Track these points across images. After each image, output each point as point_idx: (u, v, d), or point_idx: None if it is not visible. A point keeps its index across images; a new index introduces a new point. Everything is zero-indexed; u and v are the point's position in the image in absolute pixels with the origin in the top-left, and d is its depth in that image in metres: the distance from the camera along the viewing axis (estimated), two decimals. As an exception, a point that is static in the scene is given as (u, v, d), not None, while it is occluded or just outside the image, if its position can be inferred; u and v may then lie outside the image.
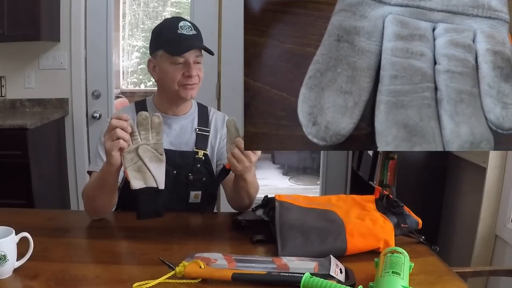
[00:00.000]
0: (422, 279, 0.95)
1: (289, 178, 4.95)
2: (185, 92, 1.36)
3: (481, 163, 1.96)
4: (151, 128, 1.14)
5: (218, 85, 2.91)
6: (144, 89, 5.48)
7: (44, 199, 2.48)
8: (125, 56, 5.44)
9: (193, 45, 1.33)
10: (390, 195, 1.21)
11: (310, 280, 0.85)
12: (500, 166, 1.92)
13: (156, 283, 0.90)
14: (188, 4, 4.57)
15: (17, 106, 2.84)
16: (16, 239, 0.94)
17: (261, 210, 1.22)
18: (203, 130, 1.45)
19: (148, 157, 1.11)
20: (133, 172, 1.10)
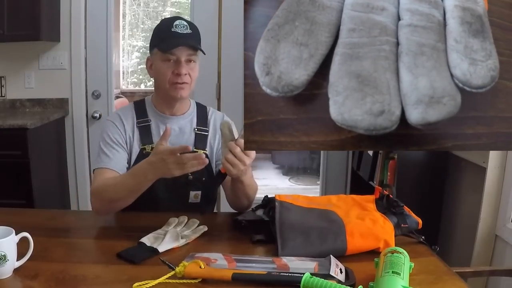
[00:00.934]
0: (422, 279, 0.95)
1: (289, 178, 4.95)
2: (175, 91, 1.36)
3: (481, 163, 1.96)
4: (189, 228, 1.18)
5: (218, 85, 2.91)
6: (144, 89, 5.48)
7: (44, 199, 2.48)
8: (125, 56, 5.44)
9: (182, 42, 1.32)
10: (390, 195, 1.21)
11: (310, 280, 0.85)
12: (500, 166, 1.92)
13: (156, 283, 0.90)
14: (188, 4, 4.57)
15: (17, 106, 2.84)
16: (16, 239, 0.94)
17: (261, 210, 1.22)
18: (202, 130, 1.45)
19: (172, 236, 1.11)
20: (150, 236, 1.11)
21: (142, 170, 1.17)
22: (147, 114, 1.43)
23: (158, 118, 1.43)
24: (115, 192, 1.23)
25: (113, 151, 1.35)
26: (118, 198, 1.23)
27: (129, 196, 1.22)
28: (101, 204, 1.26)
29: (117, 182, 1.25)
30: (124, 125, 1.39)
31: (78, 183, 2.91)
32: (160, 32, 1.37)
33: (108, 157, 1.34)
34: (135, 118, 1.42)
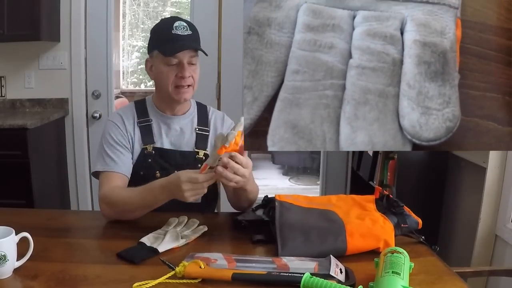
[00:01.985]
0: (422, 279, 0.94)
1: (289, 178, 4.95)
2: (178, 95, 1.36)
3: (481, 163, 1.96)
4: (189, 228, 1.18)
5: (218, 85, 2.91)
6: (144, 89, 5.48)
7: (44, 199, 2.48)
8: (125, 56, 5.44)
9: (186, 45, 1.32)
10: (390, 195, 1.21)
11: (310, 280, 0.85)
12: (500, 166, 1.92)
13: (156, 283, 0.90)
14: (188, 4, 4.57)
15: (17, 106, 2.84)
16: (16, 239, 0.94)
17: (261, 210, 1.22)
18: (203, 130, 1.45)
19: (172, 236, 1.11)
20: (150, 236, 1.11)
21: (156, 189, 1.18)
22: (148, 114, 1.43)
23: (159, 117, 1.43)
24: (132, 204, 1.23)
25: (117, 153, 1.34)
26: (133, 209, 1.23)
27: (146, 210, 1.23)
28: (114, 213, 1.26)
29: (136, 195, 1.23)
30: (126, 125, 1.39)
31: (78, 183, 2.91)
32: (160, 34, 1.36)
33: (114, 161, 1.33)
34: (136, 117, 1.41)
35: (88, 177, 2.90)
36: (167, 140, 1.40)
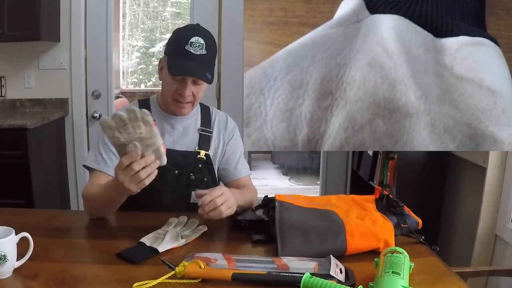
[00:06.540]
0: (422, 279, 0.94)
1: (289, 178, 4.95)
2: (176, 109, 1.37)
3: (481, 163, 1.96)
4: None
5: (218, 85, 2.91)
6: (144, 89, 5.48)
7: (44, 199, 2.48)
8: (125, 56, 5.44)
9: (190, 71, 1.28)
10: (390, 195, 1.21)
11: (310, 280, 0.85)
12: (500, 166, 1.92)
13: (156, 283, 0.90)
14: (188, 4, 4.57)
15: (17, 106, 2.84)
16: (16, 239, 0.94)
17: (261, 210, 1.22)
18: (206, 131, 1.45)
19: (172, 236, 1.10)
20: (150, 236, 1.10)
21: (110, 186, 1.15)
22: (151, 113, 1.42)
23: (163, 117, 1.42)
24: (96, 201, 1.24)
25: (110, 153, 1.34)
26: (98, 207, 1.25)
27: (109, 208, 1.24)
28: (88, 209, 1.29)
29: (98, 192, 1.23)
30: None
31: (78, 183, 2.91)
32: (175, 44, 1.31)
33: (104, 160, 1.33)
34: None
35: (88, 177, 2.90)
36: (170, 140, 1.40)
